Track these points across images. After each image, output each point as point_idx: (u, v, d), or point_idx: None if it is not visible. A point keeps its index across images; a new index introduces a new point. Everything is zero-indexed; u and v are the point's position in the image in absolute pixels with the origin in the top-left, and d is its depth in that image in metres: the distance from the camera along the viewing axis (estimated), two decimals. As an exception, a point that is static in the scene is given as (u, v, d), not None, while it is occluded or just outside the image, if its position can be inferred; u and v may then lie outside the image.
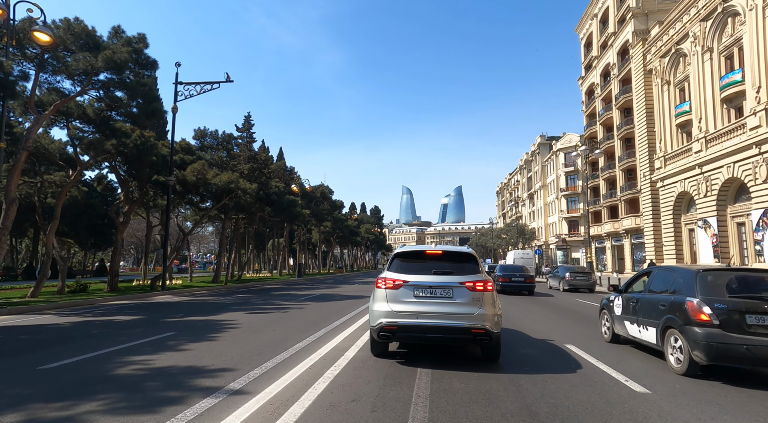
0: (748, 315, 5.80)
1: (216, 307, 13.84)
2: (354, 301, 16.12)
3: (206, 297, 18.78)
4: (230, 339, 7.97)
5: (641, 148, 38.49)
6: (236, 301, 16.20)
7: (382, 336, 6.33)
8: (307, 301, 15.88)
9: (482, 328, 6.00)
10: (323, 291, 22.22)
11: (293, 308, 13.44)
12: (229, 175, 24.29)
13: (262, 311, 12.59)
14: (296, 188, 40.76)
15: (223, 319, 10.79)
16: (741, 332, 5.73)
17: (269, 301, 16.05)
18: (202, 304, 15.35)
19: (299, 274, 41.95)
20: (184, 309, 13.42)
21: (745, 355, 5.57)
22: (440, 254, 6.74)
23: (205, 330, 9.02)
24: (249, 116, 31.17)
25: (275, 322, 10.20)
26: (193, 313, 12.05)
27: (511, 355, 6.97)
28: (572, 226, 68.24)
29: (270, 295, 19.39)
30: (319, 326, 9.57)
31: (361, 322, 10.27)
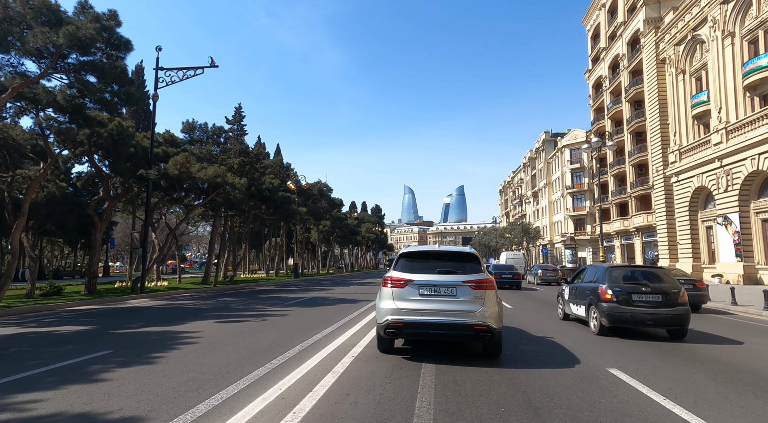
0: (634, 294, 9.01)
1: (186, 314, 12.13)
2: (346, 305, 14.38)
3: (185, 301, 17.08)
4: (174, 361, 6.25)
5: (654, 141, 36.63)
6: (214, 306, 14.49)
7: (388, 332, 6.58)
8: (293, 306, 14.16)
9: (484, 324, 6.29)
10: (315, 294, 20.50)
11: (274, 315, 11.72)
12: (216, 169, 22.59)
13: (237, 319, 10.87)
14: (292, 185, 39.05)
15: (184, 330, 9.07)
16: (629, 305, 8.95)
17: (251, 306, 14.34)
18: (175, 309, 13.65)
19: (296, 275, 40.25)
20: (149, 316, 11.71)
21: (630, 319, 8.87)
22: (444, 254, 7.04)
23: (153, 347, 7.30)
24: (240, 107, 29.45)
25: (244, 334, 8.47)
26: (155, 322, 10.34)
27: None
28: (578, 224, 66.38)
29: (256, 299, 17.69)
30: (295, 341, 7.84)
31: (350, 334, 8.56)
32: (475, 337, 6.46)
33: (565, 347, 7.79)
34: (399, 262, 7.07)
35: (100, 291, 21.64)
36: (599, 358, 6.91)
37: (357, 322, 10.07)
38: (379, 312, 6.70)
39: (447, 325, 6.35)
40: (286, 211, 37.45)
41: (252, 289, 25.84)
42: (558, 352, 7.33)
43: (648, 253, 40.57)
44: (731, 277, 25.18)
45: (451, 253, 7.09)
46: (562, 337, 8.83)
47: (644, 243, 41.22)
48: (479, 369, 6.01)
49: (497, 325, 6.45)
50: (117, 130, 18.71)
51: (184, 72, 20.62)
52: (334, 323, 9.96)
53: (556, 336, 9.03)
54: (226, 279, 33.39)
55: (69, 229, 41.22)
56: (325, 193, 48.18)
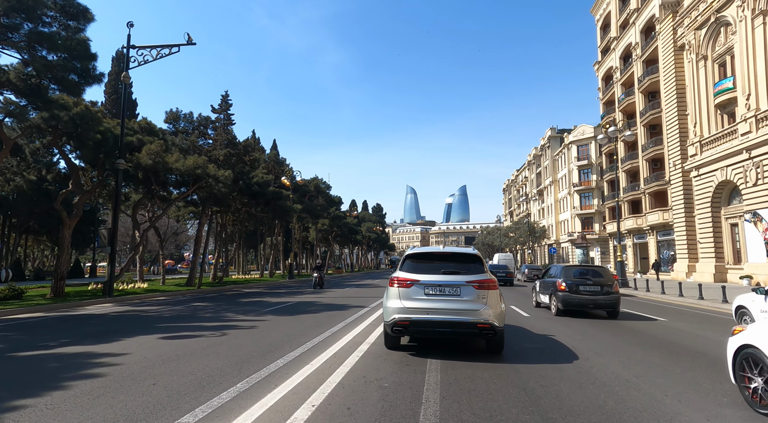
0: (581, 286, 12.47)
1: (135, 325, 10.02)
2: (332, 314, 12.23)
3: (153, 306, 14.98)
4: (37, 416, 4.11)
5: (671, 134, 34.37)
6: (179, 314, 12.38)
7: (395, 330, 6.80)
8: (269, 314, 12.02)
9: (487, 323, 6.54)
10: (303, 297, 18.37)
11: (240, 327, 9.58)
12: (195, 159, 20.48)
13: (191, 333, 8.75)
14: (286, 181, 36.93)
15: (109, 351, 6.94)
16: (577, 294, 12.40)
17: (221, 314, 12.22)
18: (130, 318, 11.55)
19: (290, 276, 38.15)
20: (87, 329, 9.60)
21: (577, 304, 12.34)
22: (448, 255, 7.21)
23: (38, 382, 5.18)
24: (226, 95, 27.28)
25: (180, 360, 6.33)
26: (85, 338, 8.23)
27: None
28: (586, 223, 64.05)
29: (234, 304, 15.57)
30: (241, 374, 5.68)
31: (322, 361, 6.42)
32: (479, 335, 6.71)
33: (532, 325, 10.52)
34: (405, 262, 7.27)
35: (68, 294, 19.57)
36: (554, 331, 9.49)
37: (337, 340, 7.91)
38: (387, 311, 6.93)
39: (451, 324, 6.58)
40: (280, 208, 35.32)
41: (238, 291, 23.74)
42: (528, 328, 9.98)
43: (663, 252, 38.29)
44: (762, 278, 22.92)
45: (455, 255, 7.25)
46: (532, 319, 11.60)
47: (659, 242, 38.94)
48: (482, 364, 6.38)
49: (500, 324, 6.69)
50: (80, 114, 16.61)
51: (158, 50, 18.51)
52: (307, 342, 7.79)
53: (529, 318, 11.85)
54: (215, 280, 31.33)
55: (52, 227, 39.25)
56: (323, 190, 46.00)
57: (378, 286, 27.56)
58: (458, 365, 6.21)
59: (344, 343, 7.67)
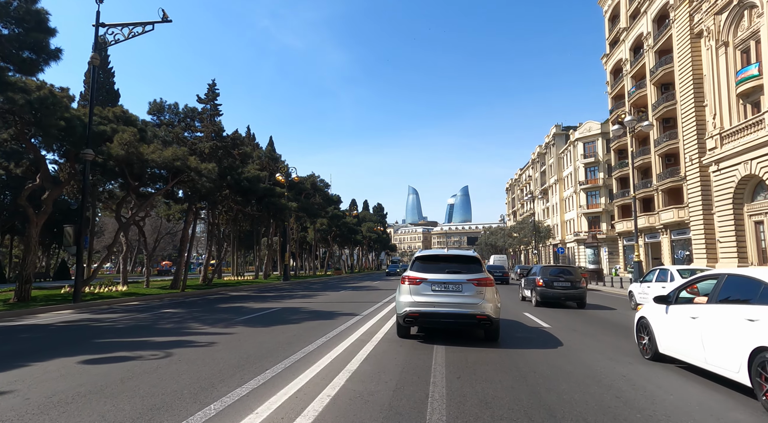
0: (555, 282, 15.26)
1: (68, 341, 8.20)
2: (318, 324, 10.38)
3: (114, 314, 13.16)
4: None
5: (687, 126, 32.41)
6: (136, 324, 10.56)
7: (406, 321, 7.96)
8: (241, 325, 10.18)
9: (484, 314, 7.67)
10: (290, 303, 16.52)
11: (196, 344, 7.74)
12: (174, 150, 18.66)
13: (128, 354, 6.90)
14: (281, 177, 35.13)
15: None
16: (552, 289, 15.20)
17: (185, 324, 10.38)
18: (74, 329, 9.75)
19: (285, 278, 36.31)
20: (4, 348, 7.76)
21: (551, 297, 15.20)
22: (451, 257, 8.48)
23: None
24: (213, 84, 25.45)
25: (76, 402, 4.50)
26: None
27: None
28: (593, 222, 62.08)
29: (210, 310, 13.74)
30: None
31: (285, 397, 4.52)
32: (477, 324, 7.89)
33: (518, 314, 12.92)
34: (415, 263, 8.37)
35: (35, 298, 17.85)
36: (534, 317, 12.19)
37: (306, 369, 5.98)
38: (399, 304, 8.09)
39: (454, 315, 7.76)
40: (273, 205, 33.51)
41: (224, 294, 21.92)
42: (514, 316, 12.46)
43: (678, 252, 36.31)
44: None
45: (458, 256, 8.44)
46: (518, 308, 14.47)
47: (673, 241, 36.94)
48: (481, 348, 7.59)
49: (495, 315, 7.84)
50: (40, 99, 14.82)
51: (131, 29, 16.74)
52: (267, 370, 5.87)
53: (514, 308, 14.57)
54: (205, 282, 29.55)
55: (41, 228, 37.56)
56: (320, 188, 44.14)
57: (377, 288, 25.68)
58: (460, 349, 7.43)
59: (316, 371, 5.79)
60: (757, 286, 5.16)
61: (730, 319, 5.24)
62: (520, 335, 9.12)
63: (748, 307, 5.05)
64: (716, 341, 5.45)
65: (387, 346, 7.56)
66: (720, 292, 5.75)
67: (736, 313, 5.17)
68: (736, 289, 5.61)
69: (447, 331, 9.06)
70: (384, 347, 7.43)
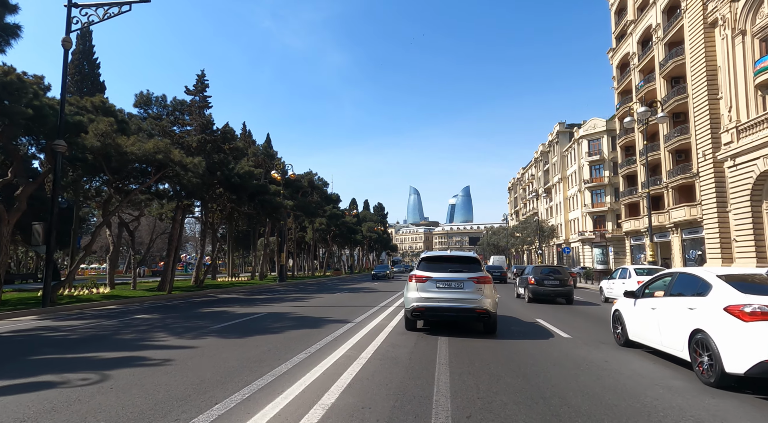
0: (545, 281, 17.04)
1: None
2: (302, 334, 9.04)
3: (80, 321, 11.85)
4: None
5: (700, 120, 31.00)
6: (95, 334, 9.23)
7: (414, 314, 8.98)
8: (213, 335, 8.85)
9: (483, 309, 8.60)
10: (279, 307, 15.18)
11: (148, 362, 6.40)
12: (155, 142, 17.31)
13: (51, 378, 5.56)
14: (276, 175, 33.79)
15: None
16: (543, 286, 16.97)
17: (149, 335, 9.05)
18: (19, 342, 8.46)
19: (281, 279, 34.98)
20: None
21: (542, 293, 16.97)
22: (454, 257, 9.55)
23: None
24: (203, 74, 24.06)
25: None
26: None
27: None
28: (598, 221, 60.60)
29: (186, 316, 12.41)
30: None
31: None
32: (477, 318, 8.84)
33: (513, 310, 14.22)
34: (421, 263, 9.46)
35: (5, 302, 16.62)
36: (526, 312, 13.72)
37: (266, 405, 4.58)
38: (407, 300, 9.11)
39: (456, 309, 8.69)
40: (268, 203, 32.19)
41: (212, 297, 20.61)
42: (509, 311, 13.62)
43: (690, 252, 34.88)
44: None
45: (459, 257, 9.57)
46: (513, 305, 16.22)
47: (684, 241, 35.50)
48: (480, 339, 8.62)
49: (493, 310, 8.80)
50: (4, 83, 13.52)
51: (105, 9, 15.40)
52: (216, 405, 4.55)
53: (510, 304, 16.18)
54: (196, 284, 28.24)
55: (26, 226, 36.29)
56: (318, 186, 42.76)
57: (375, 290, 24.32)
58: (461, 340, 8.27)
59: (281, 406, 4.42)
60: (698, 282, 6.26)
61: (678, 309, 6.31)
62: (515, 328, 10.10)
63: (690, 299, 6.15)
64: (668, 327, 6.51)
65: (378, 365, 6.20)
66: (673, 287, 6.83)
67: (682, 304, 6.24)
68: (684, 284, 6.63)
69: (450, 325, 10.03)
70: (374, 367, 6.08)
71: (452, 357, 6.76)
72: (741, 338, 5.20)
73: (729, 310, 5.40)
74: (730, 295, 5.57)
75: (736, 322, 5.28)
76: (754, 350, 5.04)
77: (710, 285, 5.99)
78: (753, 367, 5.01)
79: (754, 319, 5.16)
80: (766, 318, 5.13)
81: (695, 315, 5.88)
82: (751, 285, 5.80)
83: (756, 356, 5.01)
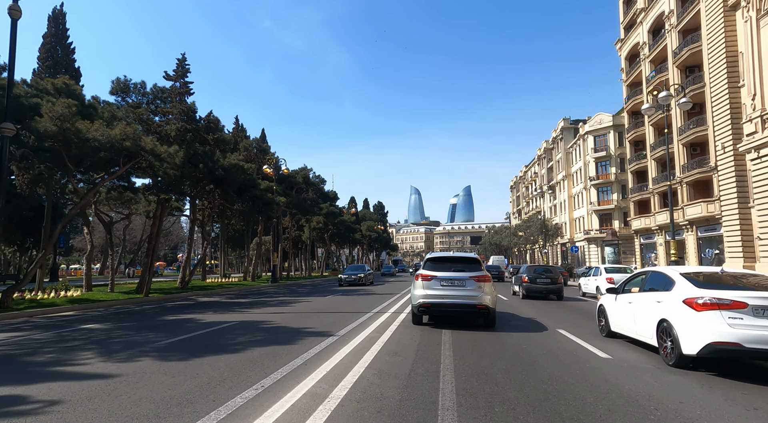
0: (538, 279, 18.83)
1: None
2: (269, 352, 7.19)
3: (10, 333, 9.96)
4: None
5: (719, 110, 29.07)
6: (6, 353, 7.34)
7: (420, 310, 9.88)
8: (154, 355, 6.99)
9: (483, 304, 9.54)
10: (258, 313, 13.31)
11: (29, 403, 4.51)
12: (123, 128, 15.42)
13: None
14: (269, 170, 31.92)
15: None
16: (535, 284, 18.76)
17: (74, 355, 7.16)
18: None
19: (273, 279, 33.09)
20: None
21: (535, 291, 18.75)
22: (456, 258, 10.55)
23: None
24: (183, 58, 22.11)
25: None
26: None
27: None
28: (604, 220, 58.65)
29: (144, 325, 10.54)
30: None
31: None
32: (478, 313, 9.76)
33: (508, 305, 15.51)
34: (426, 263, 10.36)
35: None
36: (521, 307, 14.82)
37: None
38: (414, 296, 9.99)
39: (459, 305, 9.63)
40: (259, 200, 30.31)
41: (192, 301, 18.73)
42: (505, 307, 14.79)
43: (707, 251, 32.90)
44: None
45: (461, 258, 10.56)
46: (509, 301, 17.57)
47: (699, 239, 33.53)
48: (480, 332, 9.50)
49: (492, 305, 9.75)
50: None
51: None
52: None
53: (507, 301, 17.58)
54: (180, 285, 26.38)
55: (8, 226, 34.46)
56: (314, 183, 40.81)
57: (371, 293, 22.41)
58: (463, 332, 9.25)
59: None
60: (665, 279, 7.33)
61: (649, 302, 7.36)
62: (512, 322, 11.01)
63: (658, 293, 7.22)
64: (641, 318, 7.52)
65: (353, 413, 4.28)
66: (646, 283, 7.83)
67: (652, 298, 7.31)
68: (655, 281, 7.61)
69: (452, 320, 10.81)
70: (353, 410, 4.18)
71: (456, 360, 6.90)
72: (694, 325, 6.08)
73: (686, 302, 6.29)
74: (689, 290, 6.47)
75: (691, 312, 6.16)
76: (703, 334, 5.93)
77: (674, 281, 6.90)
78: (703, 348, 5.91)
79: (705, 308, 6.04)
80: (713, 308, 5.99)
81: (661, 307, 6.84)
82: (706, 281, 6.65)
83: (705, 339, 5.90)
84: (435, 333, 9.08)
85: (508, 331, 9.46)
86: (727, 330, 5.78)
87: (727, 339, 5.75)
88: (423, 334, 9.01)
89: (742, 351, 5.71)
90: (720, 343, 5.78)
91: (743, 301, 5.90)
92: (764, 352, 5.68)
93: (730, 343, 5.74)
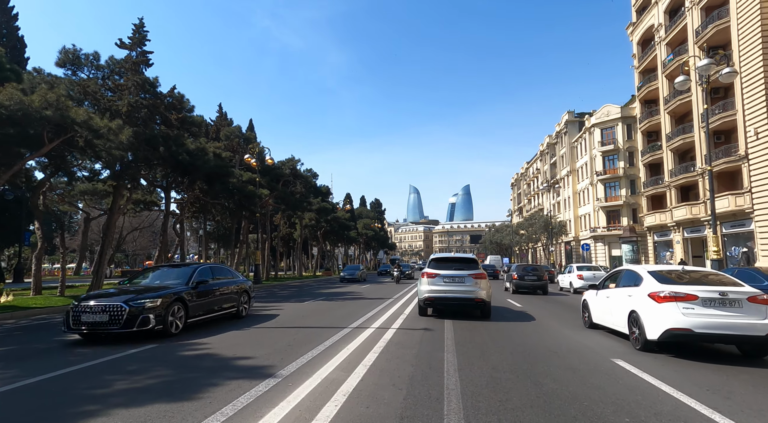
0: (525, 276, 22.17)
1: None
2: (143, 415, 4.05)
3: None
4: None
5: (751, 93, 26.07)
6: None
7: (425, 303, 11.56)
8: None
9: (480, 298, 11.28)
10: (194, 332, 10.24)
11: None
12: (44, 92, 12.32)
13: None
14: (251, 159, 28.81)
15: None
16: (523, 281, 22.06)
17: None
18: None
19: (256, 280, 30.03)
20: None
21: (523, 287, 22.12)
22: (457, 258, 12.13)
23: None
24: (141, 24, 18.84)
25: None
26: None
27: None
28: (612, 216, 55.60)
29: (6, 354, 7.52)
30: None
31: None
32: (475, 306, 11.56)
33: (501, 300, 17.41)
34: (431, 263, 11.98)
35: None
36: (512, 300, 17.10)
37: None
38: (420, 291, 11.62)
39: (459, 299, 11.32)
40: (238, 192, 27.22)
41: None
42: (497, 300, 16.72)
43: (732, 248, 29.86)
44: None
45: (461, 258, 12.14)
46: (501, 296, 19.79)
47: (724, 235, 30.46)
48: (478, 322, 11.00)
49: (488, 299, 11.51)
50: None
51: None
52: None
53: (500, 296, 19.69)
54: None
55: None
56: (302, 175, 37.62)
57: (359, 296, 19.33)
58: (463, 322, 10.77)
59: None
60: (636, 276, 8.49)
61: (622, 296, 8.58)
62: (506, 314, 12.69)
63: (629, 289, 8.38)
64: (617, 310, 8.74)
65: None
66: (621, 280, 9.15)
67: (625, 293, 8.49)
68: (628, 278, 8.85)
69: (453, 312, 12.43)
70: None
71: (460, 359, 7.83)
72: (656, 314, 7.30)
73: (650, 295, 7.53)
74: (653, 285, 7.72)
75: (654, 304, 7.39)
76: (662, 322, 7.14)
77: (642, 278, 8.23)
78: (662, 333, 7.12)
79: (665, 300, 7.25)
80: (671, 300, 7.20)
81: (632, 300, 8.14)
82: (668, 278, 7.87)
83: (664, 326, 7.10)
84: (437, 332, 9.65)
85: (503, 321, 11.24)
86: (682, 318, 6.96)
87: (681, 325, 6.92)
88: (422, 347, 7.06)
89: (692, 335, 6.91)
90: (676, 329, 6.97)
91: (695, 293, 7.08)
92: (708, 336, 6.90)
93: (683, 328, 6.91)
